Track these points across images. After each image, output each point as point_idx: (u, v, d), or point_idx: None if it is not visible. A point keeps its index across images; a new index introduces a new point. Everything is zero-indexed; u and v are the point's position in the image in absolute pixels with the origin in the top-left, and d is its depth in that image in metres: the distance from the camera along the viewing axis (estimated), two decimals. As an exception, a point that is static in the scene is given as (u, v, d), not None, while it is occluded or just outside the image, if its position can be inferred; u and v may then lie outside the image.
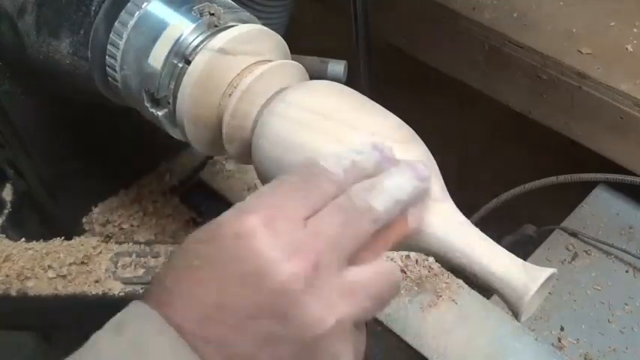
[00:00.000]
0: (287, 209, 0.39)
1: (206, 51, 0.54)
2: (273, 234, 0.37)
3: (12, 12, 0.62)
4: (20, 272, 0.73)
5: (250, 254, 0.37)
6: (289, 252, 0.37)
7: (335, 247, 0.39)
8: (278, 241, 0.37)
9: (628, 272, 0.94)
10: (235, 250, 0.37)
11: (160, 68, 0.56)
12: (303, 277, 0.37)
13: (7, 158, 0.77)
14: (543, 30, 1.04)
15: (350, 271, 0.40)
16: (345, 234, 0.40)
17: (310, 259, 0.37)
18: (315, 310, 0.37)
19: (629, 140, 0.96)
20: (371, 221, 0.41)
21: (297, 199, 0.40)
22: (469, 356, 0.68)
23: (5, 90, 0.69)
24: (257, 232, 0.37)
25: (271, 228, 0.38)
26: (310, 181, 0.42)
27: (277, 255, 0.37)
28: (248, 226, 0.37)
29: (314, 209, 0.40)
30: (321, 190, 0.41)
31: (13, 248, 0.75)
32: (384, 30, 1.20)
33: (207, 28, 0.56)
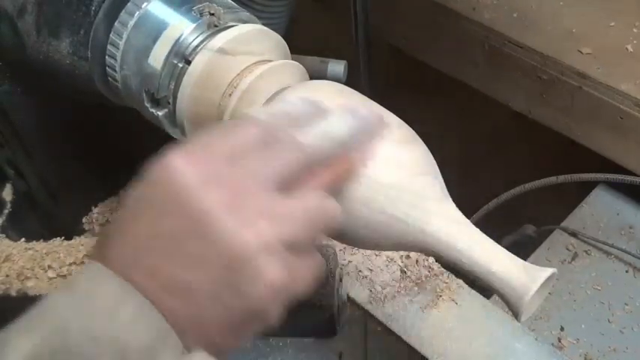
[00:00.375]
0: (210, 147, 0.42)
1: (206, 51, 0.54)
2: (193, 166, 0.39)
3: (12, 12, 0.62)
4: (20, 272, 0.73)
5: (172, 185, 0.39)
6: (208, 180, 0.39)
7: (255, 174, 0.41)
8: (197, 172, 0.39)
9: (628, 272, 0.94)
10: (160, 185, 0.40)
11: (159, 68, 0.56)
12: (222, 201, 0.39)
13: (7, 158, 0.77)
14: (543, 30, 1.04)
15: (276, 198, 0.41)
16: (266, 163, 0.41)
17: (227, 185, 0.39)
18: (232, 227, 0.38)
19: (629, 140, 0.96)
20: (296, 151, 0.43)
21: (220, 139, 0.42)
22: (469, 356, 0.68)
23: (5, 90, 0.69)
24: (178, 166, 0.39)
25: (192, 162, 0.40)
26: (236, 126, 0.44)
27: (196, 183, 0.39)
28: (170, 162, 0.40)
29: (237, 148, 0.42)
30: (245, 131, 0.43)
31: (13, 248, 0.75)
32: (384, 30, 1.20)
33: (207, 28, 0.56)
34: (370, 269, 0.74)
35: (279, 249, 0.40)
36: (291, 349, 0.72)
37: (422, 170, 0.48)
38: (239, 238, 0.38)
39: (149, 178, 0.41)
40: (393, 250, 0.73)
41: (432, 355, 0.68)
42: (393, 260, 0.75)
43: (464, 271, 0.47)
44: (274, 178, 0.41)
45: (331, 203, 0.43)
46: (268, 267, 0.39)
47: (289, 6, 0.80)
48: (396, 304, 0.72)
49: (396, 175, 0.47)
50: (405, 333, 0.70)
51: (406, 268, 0.74)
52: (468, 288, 0.73)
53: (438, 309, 0.72)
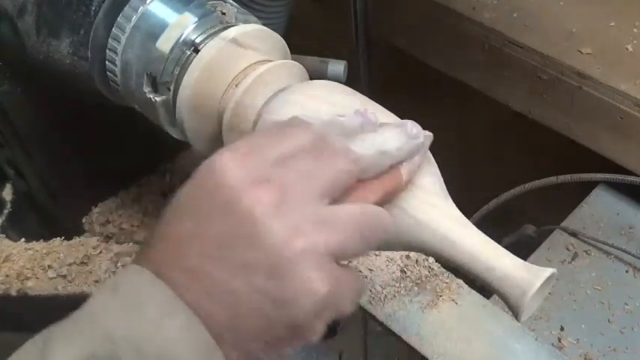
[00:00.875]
0: (260, 149, 0.40)
1: (218, 39, 0.54)
2: (242, 167, 0.38)
3: (12, 12, 0.62)
4: (20, 272, 0.73)
5: (220, 186, 0.38)
6: (257, 181, 0.38)
7: (306, 180, 0.39)
8: (247, 173, 0.38)
9: (628, 272, 0.94)
10: (207, 185, 0.39)
11: (167, 52, 0.55)
12: (270, 204, 0.37)
13: (7, 158, 0.77)
14: (543, 30, 1.04)
15: (327, 206, 0.39)
16: (318, 169, 0.40)
17: (278, 188, 0.38)
18: (281, 232, 0.37)
19: (629, 140, 0.96)
20: (349, 161, 0.41)
21: (272, 142, 0.41)
22: (469, 356, 0.68)
23: (5, 90, 0.69)
24: (227, 166, 0.38)
25: (242, 163, 0.38)
26: (287, 129, 0.42)
27: (244, 183, 0.38)
28: (220, 162, 0.39)
29: (288, 152, 0.40)
30: (297, 136, 0.41)
31: (13, 248, 0.75)
32: (384, 30, 1.20)
33: (219, 23, 0.56)
34: (370, 269, 0.74)
35: (327, 260, 0.38)
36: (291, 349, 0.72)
37: (421, 170, 0.48)
38: (287, 245, 0.37)
39: (196, 177, 0.40)
40: (394, 249, 0.73)
41: (432, 355, 0.68)
42: (393, 260, 0.75)
43: (464, 271, 0.47)
44: (325, 185, 0.40)
45: (383, 214, 0.42)
46: (316, 279, 0.37)
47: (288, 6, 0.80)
48: (396, 304, 0.72)
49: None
50: (405, 333, 0.70)
51: (406, 268, 0.74)
52: (468, 288, 0.73)
53: (438, 309, 0.72)
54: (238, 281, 0.37)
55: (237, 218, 0.37)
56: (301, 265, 0.37)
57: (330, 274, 0.38)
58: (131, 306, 0.37)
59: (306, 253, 0.37)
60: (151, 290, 0.37)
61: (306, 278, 0.37)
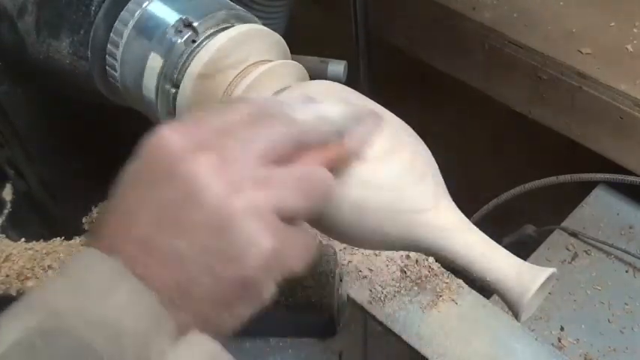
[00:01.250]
0: (200, 122, 0.41)
1: (187, 78, 0.54)
2: (182, 136, 0.39)
3: (12, 12, 0.62)
4: (20, 272, 0.73)
5: (161, 154, 0.39)
6: (197, 147, 0.39)
7: (245, 144, 0.40)
8: (186, 140, 0.39)
9: (628, 272, 0.94)
10: (149, 156, 0.40)
11: (154, 98, 0.56)
12: (209, 165, 0.38)
13: (7, 158, 0.77)
14: (543, 30, 1.04)
15: (267, 167, 0.40)
16: (256, 134, 0.40)
17: (217, 152, 0.39)
18: (220, 191, 0.38)
19: (630, 140, 0.96)
20: (286, 124, 0.42)
21: (212, 115, 0.42)
22: (469, 356, 0.68)
23: (5, 90, 0.69)
24: (168, 137, 0.39)
25: (182, 133, 0.39)
26: (235, 105, 0.44)
27: (184, 150, 0.38)
28: (161, 134, 0.40)
29: (228, 123, 0.41)
30: (237, 108, 0.42)
31: (13, 248, 0.75)
32: (384, 30, 1.20)
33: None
34: (370, 269, 0.74)
35: (270, 216, 0.39)
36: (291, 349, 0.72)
37: (420, 170, 0.48)
38: (228, 203, 0.38)
39: (139, 151, 0.41)
40: (394, 249, 0.73)
41: (432, 355, 0.68)
42: (393, 260, 0.75)
43: (463, 271, 0.47)
44: (266, 149, 0.40)
45: (326, 174, 0.42)
46: (258, 232, 0.38)
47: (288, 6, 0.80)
48: (396, 304, 0.72)
49: (394, 175, 0.47)
50: (405, 333, 0.70)
51: (406, 268, 0.74)
52: (468, 288, 0.73)
53: (438, 309, 0.71)
54: (183, 243, 0.38)
55: (178, 182, 0.38)
56: (243, 220, 0.38)
57: (274, 229, 0.39)
58: (79, 283, 0.38)
59: (248, 208, 0.38)
60: (98, 266, 0.38)
61: (249, 232, 0.38)
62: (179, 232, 0.38)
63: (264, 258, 0.38)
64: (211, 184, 0.38)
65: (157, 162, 0.39)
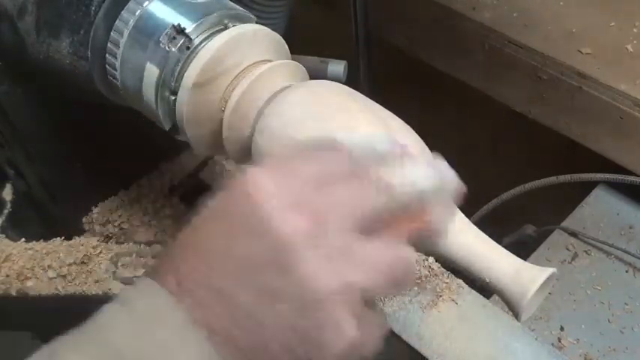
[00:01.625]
0: (299, 170, 0.38)
1: (184, 85, 0.54)
2: (280, 189, 0.36)
3: (12, 12, 0.62)
4: (20, 272, 0.73)
5: (256, 207, 0.36)
6: (295, 207, 0.36)
7: (345, 212, 0.37)
8: (285, 196, 0.36)
9: (628, 272, 0.94)
10: (242, 203, 0.37)
11: (154, 103, 0.56)
12: (307, 233, 0.35)
13: (7, 158, 0.77)
14: (543, 30, 1.04)
15: (362, 242, 0.37)
16: (357, 201, 0.38)
17: (316, 217, 0.36)
18: (317, 267, 0.35)
19: (629, 140, 0.96)
20: (387, 195, 0.39)
21: (312, 164, 0.39)
22: (469, 356, 0.68)
23: (5, 90, 0.69)
24: (263, 184, 0.36)
25: (280, 184, 0.37)
26: (323, 152, 0.40)
27: (279, 206, 0.36)
28: (255, 178, 0.37)
29: (325, 177, 0.38)
30: (338, 161, 0.40)
31: (13, 248, 0.75)
32: (384, 30, 1.20)
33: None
34: (370, 269, 0.74)
35: (358, 301, 0.36)
36: (291, 349, 0.72)
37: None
38: (320, 278, 0.35)
39: (229, 190, 0.38)
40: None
41: (432, 355, 0.68)
42: (393, 260, 0.75)
43: (464, 271, 0.47)
44: (360, 216, 0.38)
45: (413, 255, 0.40)
46: (346, 321, 0.35)
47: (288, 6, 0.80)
48: (396, 304, 0.72)
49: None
50: (405, 333, 0.70)
51: (406, 268, 0.74)
52: (468, 288, 0.73)
53: (438, 309, 0.71)
54: (264, 307, 0.36)
55: (270, 242, 0.36)
56: (334, 306, 0.35)
57: (360, 318, 0.36)
58: (144, 324, 0.36)
59: (340, 293, 0.35)
60: (165, 312, 0.36)
61: (338, 321, 0.35)
62: (262, 297, 0.36)
63: (345, 348, 0.36)
64: (306, 255, 0.35)
65: (248, 209, 0.36)
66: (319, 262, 0.35)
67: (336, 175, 0.39)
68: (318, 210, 0.37)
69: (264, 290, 0.36)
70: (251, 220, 0.36)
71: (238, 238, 0.37)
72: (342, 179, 0.38)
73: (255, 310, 0.36)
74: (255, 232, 0.36)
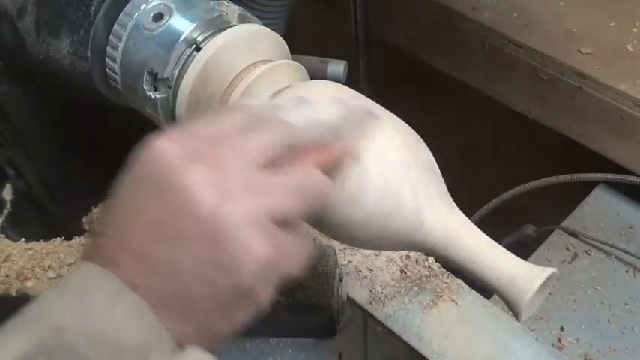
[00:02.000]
0: (194, 131, 0.41)
1: (219, 38, 0.54)
2: (175, 147, 0.40)
3: (12, 12, 0.62)
4: (20, 272, 0.73)
5: (155, 165, 0.40)
6: (190, 159, 0.39)
7: (238, 152, 0.40)
8: (180, 152, 0.39)
9: (628, 272, 0.94)
10: (144, 167, 0.40)
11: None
12: (207, 177, 0.38)
13: (7, 158, 0.77)
14: (543, 30, 1.04)
15: (261, 174, 0.40)
16: (249, 140, 0.41)
17: (211, 162, 0.39)
18: (214, 201, 0.38)
19: (630, 140, 0.96)
20: (280, 129, 0.42)
21: (205, 124, 0.42)
22: (469, 356, 0.68)
23: (5, 90, 0.69)
24: (161, 148, 0.40)
25: (175, 144, 0.40)
26: (222, 112, 0.44)
27: (177, 162, 0.39)
28: (154, 145, 0.40)
29: (221, 131, 0.41)
30: (231, 116, 0.43)
31: (13, 248, 0.75)
32: (384, 30, 1.20)
33: (218, 24, 0.56)
34: (370, 269, 0.74)
35: (265, 223, 0.39)
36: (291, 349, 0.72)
37: (420, 168, 0.48)
38: (220, 212, 0.38)
39: (135, 162, 0.41)
40: (393, 249, 0.73)
41: (432, 355, 0.68)
42: (393, 260, 0.75)
43: (464, 271, 0.47)
44: (258, 155, 0.41)
45: (321, 177, 0.42)
46: (253, 241, 0.38)
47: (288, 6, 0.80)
48: (396, 304, 0.72)
49: (392, 173, 0.46)
50: (405, 333, 0.70)
51: (406, 268, 0.74)
52: (468, 288, 0.73)
53: (438, 309, 0.71)
54: (179, 254, 0.38)
55: (172, 193, 0.39)
56: (237, 228, 0.38)
57: (268, 235, 0.39)
58: (78, 297, 0.38)
59: (240, 216, 0.38)
60: (96, 280, 0.39)
61: (242, 241, 0.38)
62: (174, 244, 0.39)
63: (259, 265, 0.38)
64: (204, 195, 0.38)
65: (151, 173, 0.40)
66: (218, 198, 0.38)
67: (233, 126, 0.42)
68: (216, 157, 0.40)
69: (174, 238, 0.39)
70: (153, 181, 0.40)
71: (144, 200, 0.40)
72: (237, 129, 0.42)
73: (169, 257, 0.38)
74: (157, 190, 0.39)
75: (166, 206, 0.39)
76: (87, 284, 0.39)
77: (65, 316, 0.37)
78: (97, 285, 0.38)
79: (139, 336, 0.37)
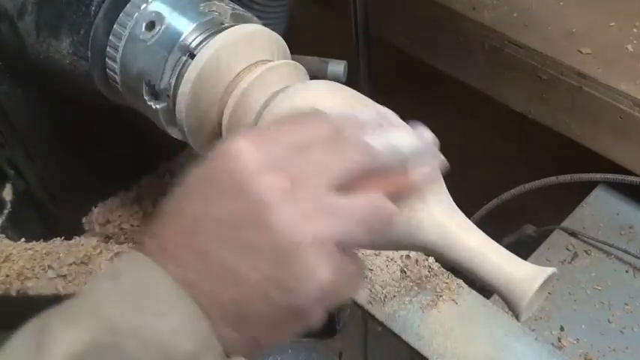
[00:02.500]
0: (275, 136, 0.40)
1: (218, 40, 0.54)
2: (257, 152, 0.38)
3: (12, 12, 0.62)
4: (20, 272, 0.73)
5: (233, 168, 0.38)
6: (270, 167, 0.38)
7: (319, 170, 0.39)
8: (262, 157, 0.38)
9: (628, 272, 0.94)
10: (220, 168, 0.39)
11: None
12: (282, 189, 0.37)
13: (7, 158, 0.77)
14: (543, 30, 1.04)
15: (338, 197, 0.39)
16: (331, 159, 0.40)
17: (292, 175, 0.38)
18: (289, 218, 0.37)
19: (629, 140, 0.96)
20: (363, 154, 0.41)
21: (286, 131, 0.41)
22: (469, 356, 0.68)
23: (5, 90, 0.69)
24: (242, 150, 0.38)
25: (256, 148, 0.39)
26: (302, 119, 0.43)
27: (257, 168, 0.38)
28: (235, 146, 0.39)
29: (303, 141, 0.40)
30: (312, 126, 0.42)
31: (13, 248, 0.75)
32: (384, 30, 1.20)
33: (213, 27, 0.56)
34: (370, 269, 0.74)
35: (332, 248, 0.38)
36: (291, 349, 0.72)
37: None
38: (294, 230, 0.37)
39: (210, 159, 0.40)
40: (393, 249, 0.73)
41: (432, 355, 0.68)
42: (393, 260, 0.75)
43: (463, 271, 0.47)
44: (338, 175, 0.39)
45: (391, 206, 0.41)
46: (321, 266, 0.37)
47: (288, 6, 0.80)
48: (396, 304, 0.72)
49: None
50: (405, 333, 0.70)
51: (406, 268, 0.74)
52: (468, 288, 0.73)
53: (438, 309, 0.71)
54: (242, 263, 0.38)
55: (247, 201, 0.37)
56: (307, 251, 0.37)
57: (335, 262, 0.38)
58: (134, 296, 0.37)
59: (313, 240, 0.37)
60: (154, 278, 0.38)
61: (311, 265, 0.37)
62: (241, 252, 0.38)
63: (322, 291, 0.38)
64: (279, 210, 0.37)
65: (227, 173, 0.38)
66: (294, 216, 0.37)
67: (314, 139, 0.40)
68: (295, 169, 0.38)
69: (241, 246, 0.38)
70: (228, 181, 0.38)
71: (216, 200, 0.38)
72: (320, 143, 0.40)
73: (234, 265, 0.38)
74: (232, 192, 0.38)
75: (240, 212, 0.38)
76: (144, 281, 0.38)
77: (119, 314, 0.36)
78: (154, 284, 0.38)
79: (191, 344, 0.37)
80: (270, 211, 0.37)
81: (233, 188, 0.38)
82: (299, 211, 0.37)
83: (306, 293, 0.38)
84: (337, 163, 0.40)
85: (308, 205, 0.38)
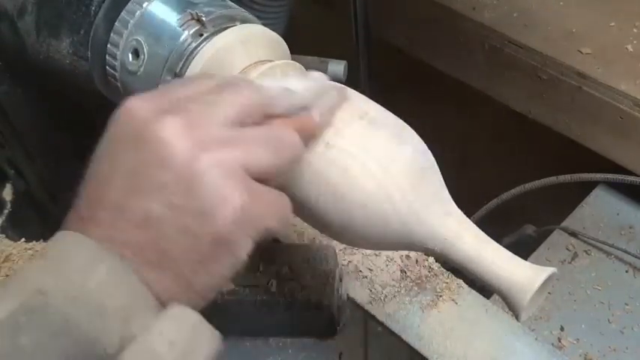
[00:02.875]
0: (165, 91, 0.43)
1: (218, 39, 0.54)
2: (148, 103, 0.40)
3: (12, 12, 0.62)
4: (20, 272, 0.73)
5: (129, 121, 0.40)
6: (163, 112, 0.40)
7: (210, 108, 0.41)
8: (153, 107, 0.40)
9: (628, 272, 0.94)
10: (119, 124, 0.41)
11: None
12: (175, 127, 0.39)
13: (7, 158, 0.77)
14: (543, 30, 1.04)
15: (239, 129, 0.41)
16: (223, 99, 0.41)
17: (182, 114, 0.40)
18: (189, 149, 0.38)
19: (629, 140, 0.96)
20: (253, 90, 0.43)
21: (178, 86, 0.43)
22: (469, 356, 0.68)
23: (5, 90, 0.69)
24: (134, 104, 0.40)
25: (148, 101, 0.41)
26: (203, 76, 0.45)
27: (150, 115, 0.40)
28: (128, 103, 0.41)
29: (194, 91, 0.42)
30: (203, 79, 0.44)
31: (13, 248, 0.75)
32: (384, 30, 1.20)
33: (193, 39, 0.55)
34: (370, 269, 0.74)
35: (239, 173, 0.39)
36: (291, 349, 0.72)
37: (419, 167, 0.47)
38: (195, 161, 0.38)
39: (109, 124, 0.41)
40: (392, 249, 0.73)
41: (432, 355, 0.68)
42: (393, 260, 0.75)
43: (463, 271, 0.47)
44: (231, 112, 0.41)
45: (294, 134, 0.43)
46: (229, 188, 0.39)
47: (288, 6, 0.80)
48: (396, 304, 0.72)
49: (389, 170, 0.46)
50: (405, 333, 0.70)
51: (406, 268, 0.74)
52: (468, 288, 0.73)
53: (438, 309, 0.71)
54: (155, 204, 0.39)
55: (146, 146, 0.39)
56: (212, 175, 0.38)
57: (244, 185, 0.39)
58: (59, 262, 0.38)
59: (215, 165, 0.39)
60: (76, 245, 0.39)
61: (217, 188, 0.38)
62: (151, 194, 0.39)
63: (235, 212, 0.39)
64: (177, 145, 0.39)
65: (125, 128, 0.40)
66: (193, 147, 0.39)
67: (207, 89, 0.42)
68: (188, 113, 0.40)
69: (151, 188, 0.39)
70: (127, 134, 0.40)
71: (120, 155, 0.40)
72: (213, 91, 0.42)
73: (148, 208, 0.39)
74: (132, 142, 0.40)
75: (142, 158, 0.39)
76: (67, 250, 0.39)
77: (46, 279, 0.37)
78: (77, 250, 0.39)
79: (120, 297, 0.38)
80: (170, 147, 0.38)
81: (132, 138, 0.40)
82: (198, 143, 0.39)
83: (223, 216, 0.38)
84: (228, 100, 0.42)
85: (206, 138, 0.39)
